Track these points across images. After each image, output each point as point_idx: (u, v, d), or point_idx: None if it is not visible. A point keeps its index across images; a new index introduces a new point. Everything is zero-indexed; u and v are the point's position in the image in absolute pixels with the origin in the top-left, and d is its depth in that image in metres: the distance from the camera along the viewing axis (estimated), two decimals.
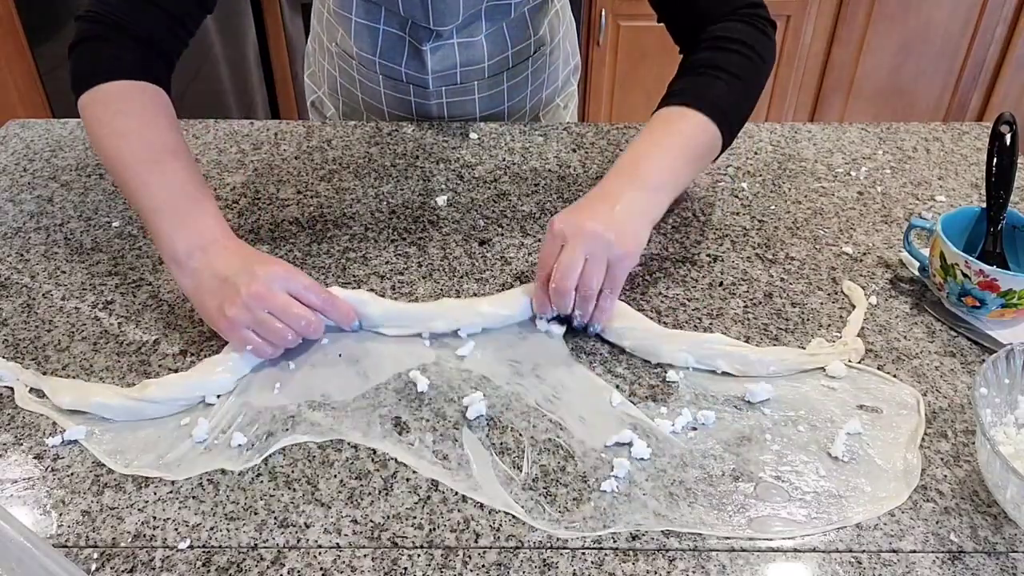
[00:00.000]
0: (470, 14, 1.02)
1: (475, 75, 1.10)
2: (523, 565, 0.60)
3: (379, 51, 1.07)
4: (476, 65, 1.08)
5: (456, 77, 1.09)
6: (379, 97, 1.14)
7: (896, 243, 0.93)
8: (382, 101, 1.14)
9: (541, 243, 0.80)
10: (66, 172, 1.05)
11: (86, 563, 0.60)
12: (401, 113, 1.15)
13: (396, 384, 0.75)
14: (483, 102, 1.14)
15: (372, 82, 1.12)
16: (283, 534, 0.62)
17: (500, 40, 1.07)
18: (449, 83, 1.10)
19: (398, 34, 1.05)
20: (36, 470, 0.67)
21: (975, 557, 0.61)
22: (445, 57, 1.07)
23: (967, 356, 0.79)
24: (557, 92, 1.23)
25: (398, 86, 1.11)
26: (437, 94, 1.11)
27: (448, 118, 1.15)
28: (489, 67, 1.09)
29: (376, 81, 1.12)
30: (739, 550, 0.61)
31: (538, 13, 1.09)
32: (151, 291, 0.86)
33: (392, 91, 1.12)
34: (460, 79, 1.10)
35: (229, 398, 0.73)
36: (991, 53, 2.34)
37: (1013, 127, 0.85)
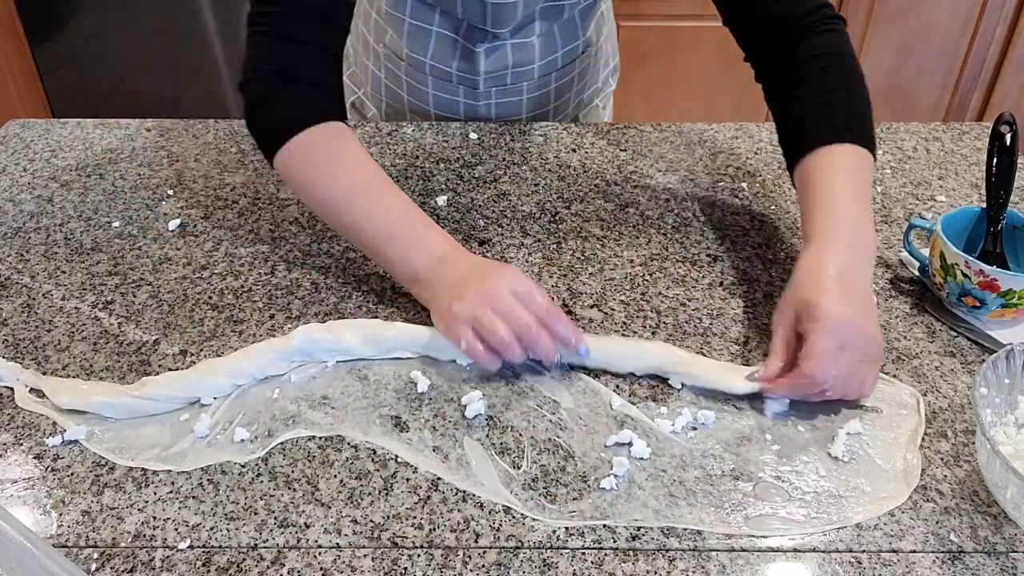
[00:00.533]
0: (525, 16, 1.02)
1: (525, 76, 1.10)
2: (523, 565, 0.60)
3: (431, 52, 1.07)
4: (527, 66, 1.09)
5: (507, 78, 1.10)
6: (426, 99, 1.14)
7: (896, 243, 0.93)
8: (429, 103, 1.14)
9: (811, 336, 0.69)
10: (66, 172, 1.05)
11: (86, 563, 0.60)
12: (448, 114, 1.15)
13: (396, 384, 0.75)
14: (531, 103, 1.14)
15: (420, 83, 1.12)
16: (283, 534, 0.62)
17: (551, 41, 1.08)
18: (499, 84, 1.11)
19: (451, 36, 1.05)
20: (36, 470, 0.67)
21: (975, 557, 0.61)
22: (498, 59, 1.07)
23: (967, 356, 0.79)
24: (597, 93, 1.24)
25: (447, 87, 1.12)
26: (487, 95, 1.12)
27: (496, 119, 1.15)
28: (539, 68, 1.10)
29: (424, 83, 1.12)
30: (739, 550, 0.61)
31: (588, 14, 1.10)
32: (151, 291, 0.86)
33: (441, 92, 1.12)
34: (511, 80, 1.10)
35: (227, 400, 0.73)
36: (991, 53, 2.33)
37: (1013, 127, 0.85)
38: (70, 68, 2.36)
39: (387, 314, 0.82)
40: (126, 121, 1.15)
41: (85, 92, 2.40)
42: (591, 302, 0.84)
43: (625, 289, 0.86)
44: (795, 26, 0.86)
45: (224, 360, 0.74)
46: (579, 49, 1.12)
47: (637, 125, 1.15)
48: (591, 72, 1.18)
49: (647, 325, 0.81)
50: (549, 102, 1.16)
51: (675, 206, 0.99)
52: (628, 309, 0.83)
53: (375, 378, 0.75)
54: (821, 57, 0.84)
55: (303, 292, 0.85)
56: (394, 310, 0.83)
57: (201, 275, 0.88)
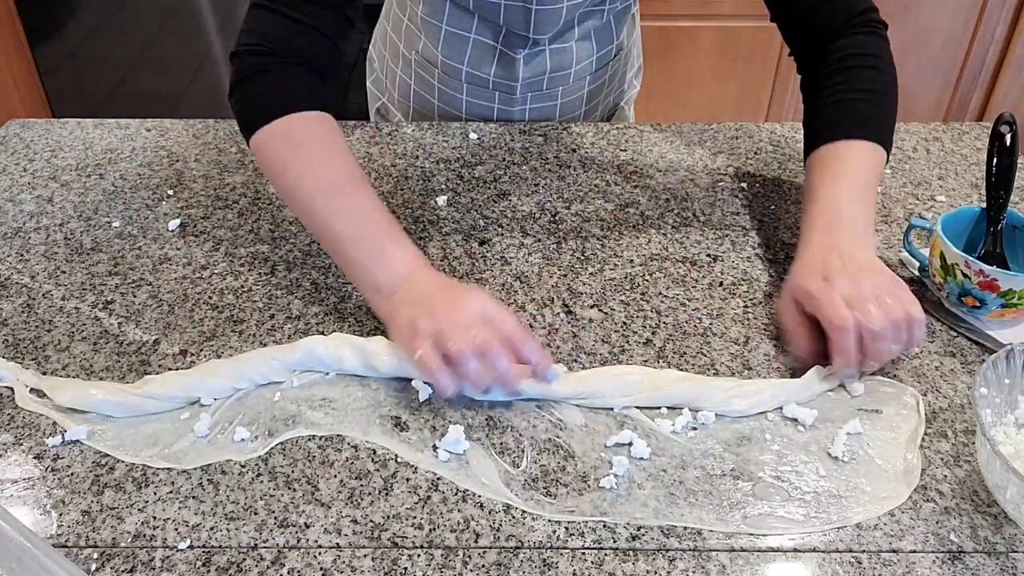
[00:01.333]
0: (566, 21, 1.02)
1: (561, 81, 1.11)
2: (523, 565, 0.60)
3: (467, 59, 1.07)
4: (564, 71, 1.09)
5: (543, 83, 1.10)
6: (459, 104, 1.14)
7: (896, 243, 0.93)
8: (462, 108, 1.14)
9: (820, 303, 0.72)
10: (66, 172, 1.05)
11: (86, 563, 0.60)
12: (480, 117, 1.16)
13: (396, 384, 0.75)
14: (564, 107, 1.15)
15: (454, 90, 1.12)
16: (283, 534, 0.62)
17: (588, 46, 1.08)
18: (535, 89, 1.11)
19: (489, 43, 1.05)
20: (36, 470, 0.67)
21: (975, 557, 0.61)
22: (537, 64, 1.07)
23: (967, 356, 0.79)
24: (623, 96, 1.25)
25: (482, 93, 1.12)
26: (523, 100, 1.12)
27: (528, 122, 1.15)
28: (575, 72, 1.10)
29: (459, 89, 1.12)
30: (739, 550, 0.61)
31: (622, 16, 1.10)
32: (151, 291, 0.86)
33: (474, 98, 1.12)
34: (547, 85, 1.10)
35: (227, 400, 0.73)
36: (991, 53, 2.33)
37: (1013, 127, 0.85)
38: (70, 68, 2.36)
39: None
40: (126, 121, 1.15)
41: (85, 92, 2.40)
42: (591, 302, 0.84)
43: (625, 289, 0.86)
44: (834, 26, 0.89)
45: (226, 362, 0.74)
46: (612, 52, 1.13)
47: (637, 125, 1.15)
48: (620, 75, 1.19)
49: (647, 325, 0.81)
50: (581, 106, 1.16)
51: (675, 206, 0.99)
52: (628, 309, 0.83)
53: (376, 378, 0.75)
54: (852, 57, 0.88)
55: (303, 292, 0.85)
56: None
57: (201, 275, 0.88)
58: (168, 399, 0.71)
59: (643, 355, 0.78)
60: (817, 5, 0.90)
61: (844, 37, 0.89)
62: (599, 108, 1.20)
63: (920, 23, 2.27)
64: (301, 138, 0.80)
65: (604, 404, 0.72)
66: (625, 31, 1.14)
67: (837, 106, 0.87)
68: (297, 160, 0.79)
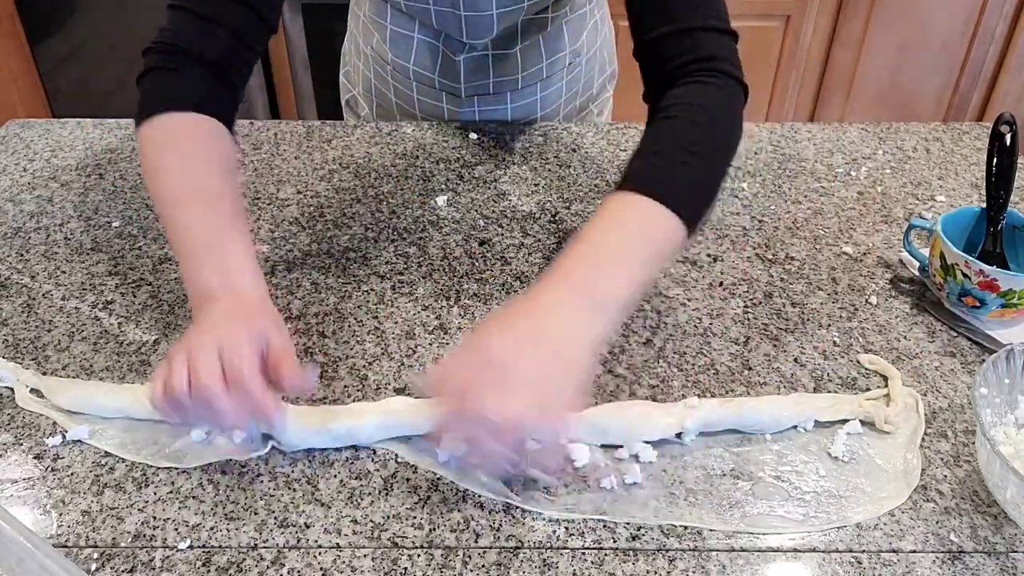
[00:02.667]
0: (505, 28, 1.02)
1: (509, 85, 1.10)
2: (523, 565, 0.60)
3: (413, 59, 1.07)
4: (510, 76, 1.09)
5: (489, 87, 1.09)
6: (412, 102, 1.14)
7: (896, 243, 0.93)
8: (415, 106, 1.14)
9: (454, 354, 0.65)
10: (66, 172, 1.05)
11: (86, 563, 0.60)
12: (434, 119, 1.16)
13: (396, 384, 0.75)
14: (516, 111, 1.14)
15: (406, 88, 1.12)
16: (283, 534, 0.62)
17: (536, 52, 1.07)
18: (482, 92, 1.10)
19: (432, 43, 1.05)
20: (36, 470, 0.67)
21: (975, 557, 0.61)
22: (479, 68, 1.07)
23: (967, 356, 0.79)
24: (592, 99, 1.23)
25: (431, 93, 1.11)
26: (470, 102, 1.12)
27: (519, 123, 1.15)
28: (523, 78, 1.09)
29: (410, 87, 1.12)
30: (739, 550, 0.61)
31: (576, 25, 1.09)
32: (151, 291, 0.86)
33: (426, 97, 1.12)
34: (493, 89, 1.10)
35: None
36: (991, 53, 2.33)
37: (1013, 127, 0.85)
38: (70, 68, 2.36)
39: (387, 314, 0.82)
40: (126, 121, 1.15)
41: (85, 92, 2.40)
42: None
43: None
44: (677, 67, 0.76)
45: None
46: (567, 59, 1.11)
47: (637, 125, 1.15)
48: (583, 80, 1.17)
49: (647, 325, 0.81)
50: (536, 110, 1.15)
51: None
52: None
53: (375, 378, 0.75)
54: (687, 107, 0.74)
55: (303, 292, 0.85)
56: (394, 310, 0.83)
57: None
58: None
59: (643, 355, 0.78)
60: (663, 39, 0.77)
61: (691, 82, 0.75)
62: (560, 113, 1.18)
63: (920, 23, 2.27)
64: (173, 141, 0.77)
65: None
66: (585, 38, 1.12)
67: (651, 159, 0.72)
68: (163, 161, 0.76)
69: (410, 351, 0.78)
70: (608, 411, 0.70)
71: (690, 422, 0.68)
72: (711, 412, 0.70)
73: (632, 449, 0.68)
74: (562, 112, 1.18)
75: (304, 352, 0.78)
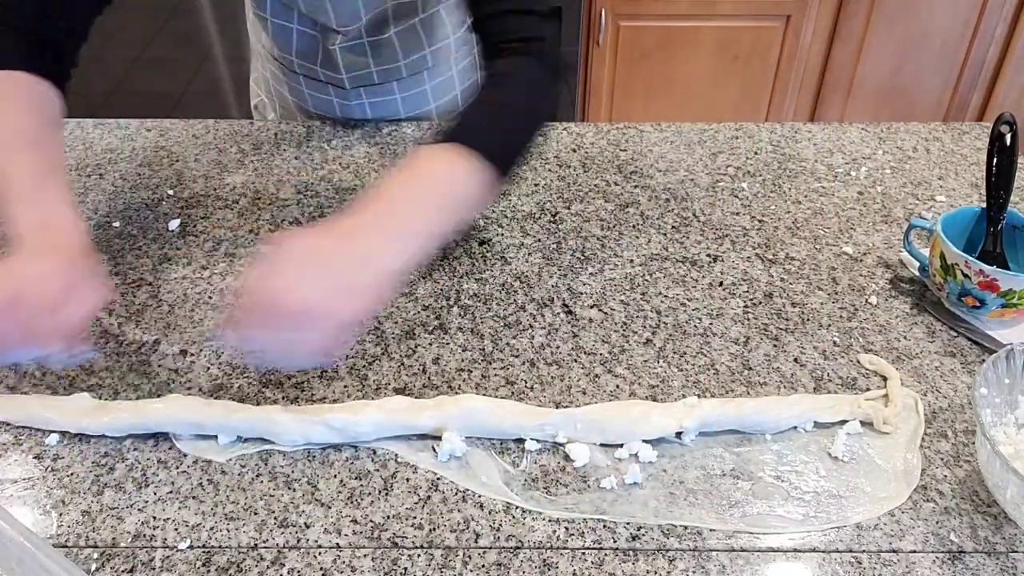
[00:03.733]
0: (376, 13, 1.00)
1: (392, 74, 1.08)
2: (523, 565, 0.60)
3: (295, 51, 1.06)
4: (391, 64, 1.06)
5: (372, 77, 1.07)
6: (304, 98, 1.13)
7: (896, 243, 0.93)
8: (308, 102, 1.13)
9: None
10: (66, 172, 1.05)
11: (86, 563, 0.60)
12: (327, 115, 1.14)
13: (396, 384, 0.75)
14: (406, 103, 1.12)
15: (295, 83, 1.12)
16: (283, 534, 0.62)
17: (414, 39, 1.05)
18: (367, 83, 1.08)
19: (311, 33, 1.03)
20: (36, 470, 0.67)
21: (975, 557, 0.61)
22: (357, 57, 1.05)
23: (967, 356, 0.79)
24: None
25: (319, 87, 1.10)
26: (356, 95, 1.10)
27: (372, 119, 1.13)
28: (406, 66, 1.07)
29: (298, 82, 1.11)
30: (739, 550, 0.61)
31: (456, 12, 1.06)
32: (151, 291, 0.86)
33: (315, 92, 1.11)
34: (377, 79, 1.08)
35: None
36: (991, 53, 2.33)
37: (1013, 127, 0.85)
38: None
39: (387, 314, 0.82)
40: (126, 121, 1.15)
41: (85, 92, 2.39)
42: (591, 302, 0.84)
43: (625, 289, 0.86)
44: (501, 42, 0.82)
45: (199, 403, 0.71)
46: (452, 47, 1.09)
47: (637, 125, 1.15)
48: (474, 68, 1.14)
49: (647, 325, 0.81)
50: (429, 102, 1.13)
51: (675, 206, 0.99)
52: (628, 309, 0.83)
53: (375, 378, 0.75)
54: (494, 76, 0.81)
55: None
56: (394, 310, 0.83)
57: (201, 275, 0.88)
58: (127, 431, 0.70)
59: (643, 355, 0.78)
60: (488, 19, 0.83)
61: (502, 57, 0.81)
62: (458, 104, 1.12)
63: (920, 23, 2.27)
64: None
65: None
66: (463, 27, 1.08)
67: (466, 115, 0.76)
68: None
69: (410, 351, 0.78)
70: (608, 410, 0.70)
71: (690, 422, 0.69)
72: (711, 412, 0.70)
73: (632, 449, 0.68)
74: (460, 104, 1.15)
75: None
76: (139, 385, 0.75)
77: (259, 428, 0.68)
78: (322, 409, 0.70)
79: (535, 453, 0.68)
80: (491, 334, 0.80)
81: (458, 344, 0.79)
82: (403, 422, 0.69)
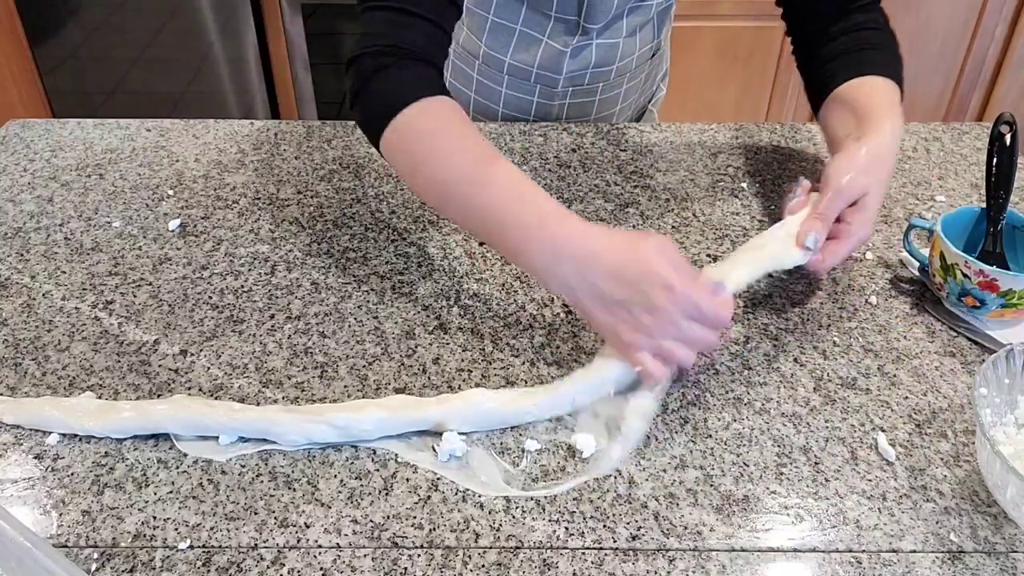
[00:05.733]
0: (618, 12, 1.03)
1: (602, 77, 1.11)
2: (523, 565, 0.60)
3: (511, 51, 1.07)
4: (607, 66, 1.10)
5: (585, 78, 1.10)
6: (497, 97, 1.14)
7: (896, 243, 0.93)
8: (499, 101, 1.14)
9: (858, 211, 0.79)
10: (66, 172, 1.05)
11: (86, 563, 0.60)
12: (517, 114, 1.16)
13: (396, 384, 0.75)
14: (600, 104, 1.15)
15: (494, 82, 1.12)
16: (283, 534, 0.62)
17: (633, 42, 1.09)
18: (576, 84, 1.11)
19: (534, 35, 1.05)
20: (36, 470, 0.67)
21: (975, 557, 0.61)
22: (583, 58, 1.08)
23: (967, 356, 0.79)
24: (652, 97, 1.25)
25: (523, 86, 1.11)
26: (563, 95, 1.12)
27: (566, 119, 1.16)
28: (616, 69, 1.11)
29: (499, 81, 1.12)
30: (739, 550, 0.61)
31: (664, 16, 1.11)
32: (151, 291, 0.86)
33: (514, 91, 1.12)
34: (588, 80, 1.11)
35: None
36: (991, 53, 2.33)
37: (1013, 127, 0.85)
38: (70, 68, 2.36)
39: (387, 314, 0.82)
40: (126, 121, 1.15)
41: (85, 92, 2.40)
42: None
43: None
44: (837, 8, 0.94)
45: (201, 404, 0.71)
46: (651, 51, 1.13)
47: (637, 125, 1.15)
48: (654, 76, 1.20)
49: None
50: (616, 103, 1.16)
51: (675, 206, 0.99)
52: None
53: (375, 378, 0.75)
54: (854, 27, 0.93)
55: (303, 292, 0.85)
56: (394, 310, 0.83)
57: (201, 275, 0.88)
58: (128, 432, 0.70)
59: None
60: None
61: (845, 18, 0.94)
62: (632, 108, 1.21)
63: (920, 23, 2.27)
64: (429, 128, 0.77)
65: None
66: (665, 32, 1.14)
67: (849, 56, 0.91)
68: (428, 151, 0.76)
69: (410, 351, 0.78)
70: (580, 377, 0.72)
71: None
72: None
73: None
74: (633, 107, 1.20)
75: (304, 352, 0.78)
76: (139, 385, 0.75)
77: (261, 429, 0.68)
78: (323, 408, 0.70)
79: (535, 453, 0.68)
80: (491, 334, 0.80)
81: (458, 344, 0.79)
82: (406, 418, 0.69)
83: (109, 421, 0.69)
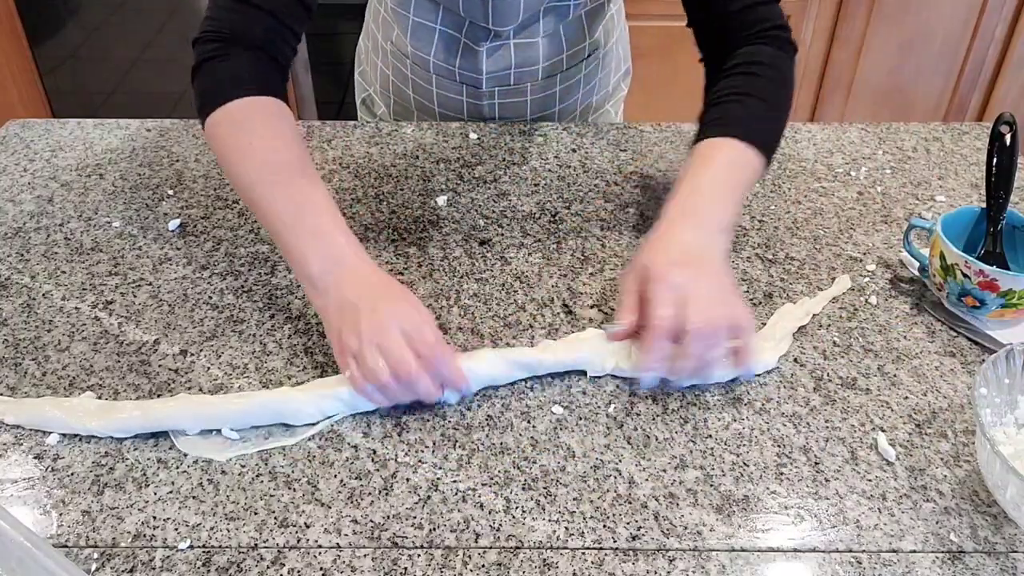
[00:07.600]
0: (529, 15, 1.02)
1: (528, 76, 1.10)
2: (523, 565, 0.60)
3: (434, 50, 1.07)
4: (531, 67, 1.09)
5: (510, 78, 1.10)
6: (431, 96, 1.14)
7: (896, 243, 0.93)
8: (434, 101, 1.15)
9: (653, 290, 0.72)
10: (66, 172, 1.05)
11: (86, 563, 0.60)
12: (452, 113, 1.16)
13: None
14: (535, 104, 1.14)
15: (425, 81, 1.12)
16: (283, 534, 0.62)
17: (556, 42, 1.08)
18: (502, 84, 1.10)
19: (454, 34, 1.05)
20: (36, 470, 0.67)
21: (975, 557, 0.61)
22: (501, 58, 1.07)
23: (967, 356, 0.79)
24: (608, 97, 1.23)
25: (451, 86, 1.12)
26: (490, 95, 1.12)
27: (499, 119, 1.15)
28: (543, 69, 1.10)
29: (429, 81, 1.12)
30: (739, 550, 0.61)
31: (594, 16, 1.10)
32: (151, 291, 0.86)
33: (444, 91, 1.12)
34: (513, 80, 1.10)
35: None
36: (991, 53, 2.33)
37: (1013, 127, 0.85)
38: (70, 68, 2.36)
39: None
40: (126, 121, 1.15)
41: (85, 92, 2.40)
42: (591, 302, 0.84)
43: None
44: (744, 34, 0.89)
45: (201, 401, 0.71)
46: (585, 51, 1.12)
47: (637, 125, 1.15)
48: (600, 75, 1.18)
49: None
50: (554, 104, 1.15)
51: None
52: None
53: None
54: (751, 64, 0.87)
55: (303, 292, 0.85)
56: None
57: (201, 275, 0.88)
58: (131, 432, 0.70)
59: None
60: (733, 14, 0.89)
61: (751, 45, 0.88)
62: (577, 107, 1.19)
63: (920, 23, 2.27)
64: (246, 124, 0.80)
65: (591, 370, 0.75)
66: (602, 31, 1.12)
67: (722, 106, 0.86)
68: (239, 144, 0.79)
69: None
70: None
71: None
72: None
73: None
74: (579, 107, 1.19)
75: (304, 352, 0.78)
76: (139, 385, 0.75)
77: (273, 410, 0.69)
78: (332, 382, 0.71)
79: (535, 453, 0.68)
80: (491, 334, 0.80)
81: (458, 344, 0.79)
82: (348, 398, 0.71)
83: (111, 420, 0.69)
